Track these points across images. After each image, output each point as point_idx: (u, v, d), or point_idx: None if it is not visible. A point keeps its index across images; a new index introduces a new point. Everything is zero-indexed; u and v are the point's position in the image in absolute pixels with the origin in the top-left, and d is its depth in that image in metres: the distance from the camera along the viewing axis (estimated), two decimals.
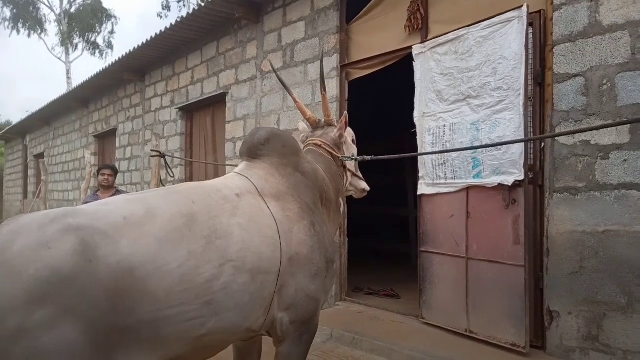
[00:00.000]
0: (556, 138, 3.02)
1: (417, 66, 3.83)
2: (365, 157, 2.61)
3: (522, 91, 3.06)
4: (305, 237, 1.98)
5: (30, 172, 14.66)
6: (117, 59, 7.79)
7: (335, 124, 2.63)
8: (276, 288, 1.83)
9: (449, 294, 3.58)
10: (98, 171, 4.69)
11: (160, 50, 7.14)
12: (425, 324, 3.75)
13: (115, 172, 4.74)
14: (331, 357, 3.49)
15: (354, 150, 2.73)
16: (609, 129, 2.79)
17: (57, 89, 11.00)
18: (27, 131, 14.74)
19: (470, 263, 3.42)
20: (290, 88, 5.06)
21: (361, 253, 7.17)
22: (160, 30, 6.40)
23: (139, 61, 7.67)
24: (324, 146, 2.52)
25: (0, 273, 1.21)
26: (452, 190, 3.55)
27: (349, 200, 2.90)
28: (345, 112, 2.58)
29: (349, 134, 2.73)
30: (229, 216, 1.75)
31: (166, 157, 4.57)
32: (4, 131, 16.65)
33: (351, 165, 2.67)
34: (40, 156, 13.70)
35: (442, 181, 3.62)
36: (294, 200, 2.06)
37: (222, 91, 6.18)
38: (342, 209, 2.58)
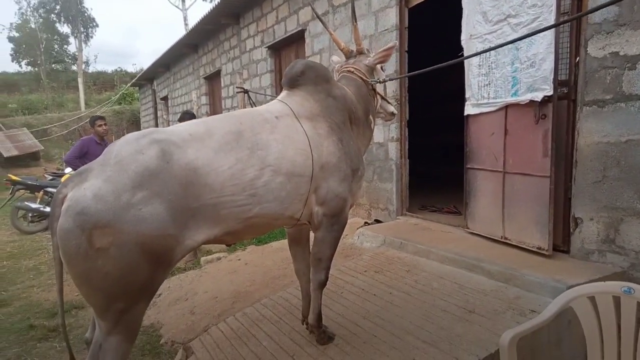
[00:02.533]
0: (588, 52, 3.07)
1: None
2: (392, 77, 3.00)
3: (554, 7, 3.11)
4: (334, 149, 2.46)
5: (159, 112, 16.89)
6: (214, 5, 8.64)
7: (365, 52, 3.04)
8: (311, 188, 2.37)
9: (488, 206, 3.90)
10: (180, 120, 5.69)
11: None
12: (469, 233, 4.14)
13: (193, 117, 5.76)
14: (381, 257, 4.11)
15: (382, 75, 3.12)
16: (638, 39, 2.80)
17: (178, 37, 12.44)
18: (154, 77, 16.78)
19: (506, 176, 3.68)
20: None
21: (438, 177, 7.51)
22: None
23: (232, 5, 8.38)
24: (356, 72, 2.93)
25: (116, 169, 1.84)
26: (492, 109, 3.75)
27: (429, 128, 3.29)
28: (389, 46, 2.90)
29: None
30: (268, 133, 2.26)
31: (249, 93, 5.34)
32: (136, 78, 19.17)
33: (380, 89, 3.08)
34: (165, 99, 15.69)
35: (485, 101, 3.83)
36: (325, 121, 2.52)
37: (301, 28, 6.68)
38: (372, 126, 3.03)
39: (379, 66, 3.07)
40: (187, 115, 5.71)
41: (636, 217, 2.88)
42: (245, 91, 5.32)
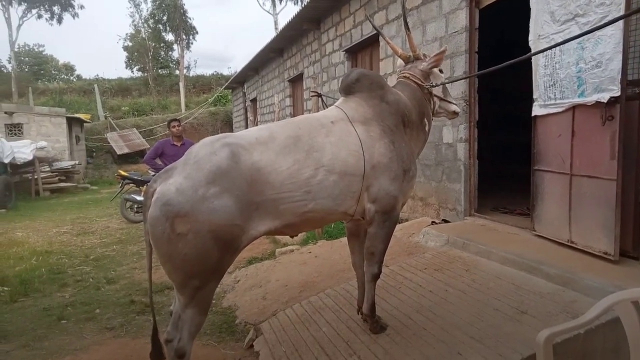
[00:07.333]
0: None
1: None
2: (444, 81, 3.12)
3: (623, 4, 3.01)
4: (385, 151, 2.65)
5: (249, 113, 17.96)
6: (297, 12, 9.11)
7: (422, 57, 3.18)
8: (363, 186, 2.58)
9: (555, 208, 3.82)
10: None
11: None
12: (535, 236, 4.08)
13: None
14: (442, 256, 4.20)
15: (440, 78, 3.22)
16: None
17: (268, 41, 13.21)
18: (245, 80, 17.90)
19: (573, 179, 3.60)
20: (427, 22, 5.47)
21: (517, 177, 7.25)
22: None
23: (313, 11, 8.78)
24: (411, 77, 3.08)
25: (194, 168, 2.19)
26: (559, 110, 3.68)
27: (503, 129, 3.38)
28: (440, 50, 3.07)
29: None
30: (323, 137, 2.51)
31: (323, 97, 5.66)
32: (228, 82, 20.54)
33: (438, 91, 3.19)
34: (254, 101, 16.65)
35: (552, 102, 3.76)
36: (377, 124, 2.70)
37: (376, 31, 6.84)
38: (427, 128, 3.16)
39: (436, 69, 3.18)
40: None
41: None
42: (319, 95, 5.64)
